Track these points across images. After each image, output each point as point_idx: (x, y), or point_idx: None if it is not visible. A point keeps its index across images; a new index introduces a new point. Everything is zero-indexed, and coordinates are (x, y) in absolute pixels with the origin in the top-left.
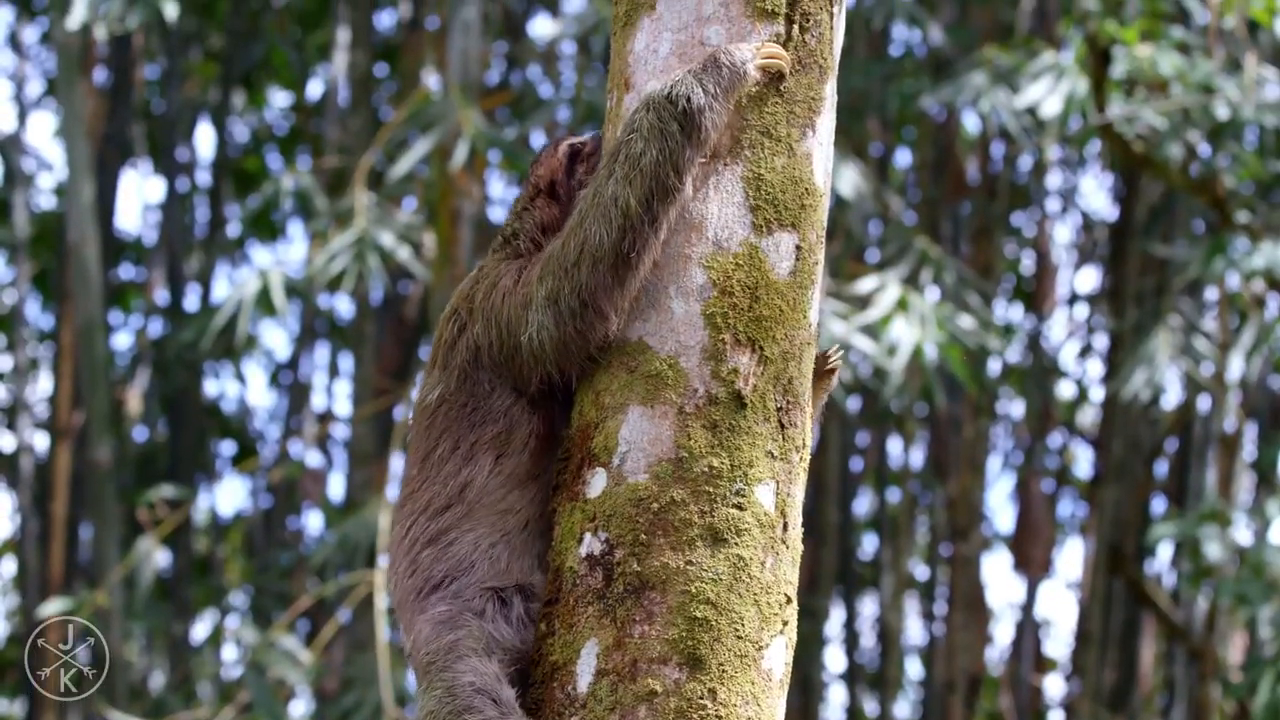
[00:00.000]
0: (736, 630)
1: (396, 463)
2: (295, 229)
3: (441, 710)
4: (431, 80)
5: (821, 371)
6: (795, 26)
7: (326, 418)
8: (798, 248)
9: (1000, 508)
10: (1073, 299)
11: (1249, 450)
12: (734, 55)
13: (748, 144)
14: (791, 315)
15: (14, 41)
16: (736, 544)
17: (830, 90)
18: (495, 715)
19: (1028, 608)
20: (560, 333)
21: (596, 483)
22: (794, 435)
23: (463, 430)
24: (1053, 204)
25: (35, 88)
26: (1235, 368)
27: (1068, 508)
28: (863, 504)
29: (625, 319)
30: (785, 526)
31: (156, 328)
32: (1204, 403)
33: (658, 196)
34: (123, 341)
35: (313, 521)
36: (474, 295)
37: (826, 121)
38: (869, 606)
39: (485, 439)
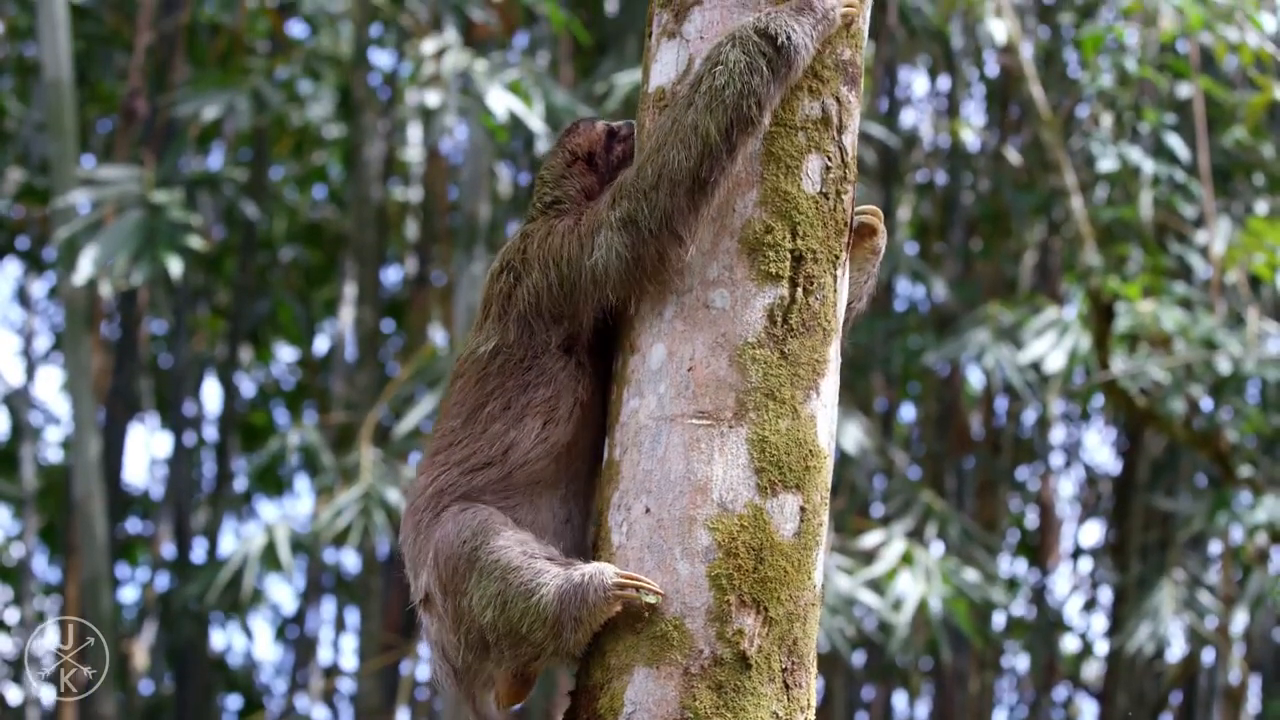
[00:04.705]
0: None
1: (403, 718)
2: (302, 484)
3: (509, 590)
4: (438, 336)
5: (862, 229)
6: (799, 289)
7: (333, 672)
8: (802, 509)
9: None
10: (1077, 553)
11: (1253, 703)
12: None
13: (752, 406)
14: (796, 576)
15: (22, 296)
16: None
17: (834, 353)
18: (559, 571)
19: None
20: (635, 253)
21: None
22: (799, 696)
23: (515, 390)
24: (1056, 458)
25: (43, 342)
26: (1239, 621)
27: None
28: None
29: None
30: None
31: (163, 581)
32: (1208, 656)
33: (738, 127)
34: (129, 595)
35: None
36: (525, 248)
37: (830, 384)
38: None
39: (536, 403)
